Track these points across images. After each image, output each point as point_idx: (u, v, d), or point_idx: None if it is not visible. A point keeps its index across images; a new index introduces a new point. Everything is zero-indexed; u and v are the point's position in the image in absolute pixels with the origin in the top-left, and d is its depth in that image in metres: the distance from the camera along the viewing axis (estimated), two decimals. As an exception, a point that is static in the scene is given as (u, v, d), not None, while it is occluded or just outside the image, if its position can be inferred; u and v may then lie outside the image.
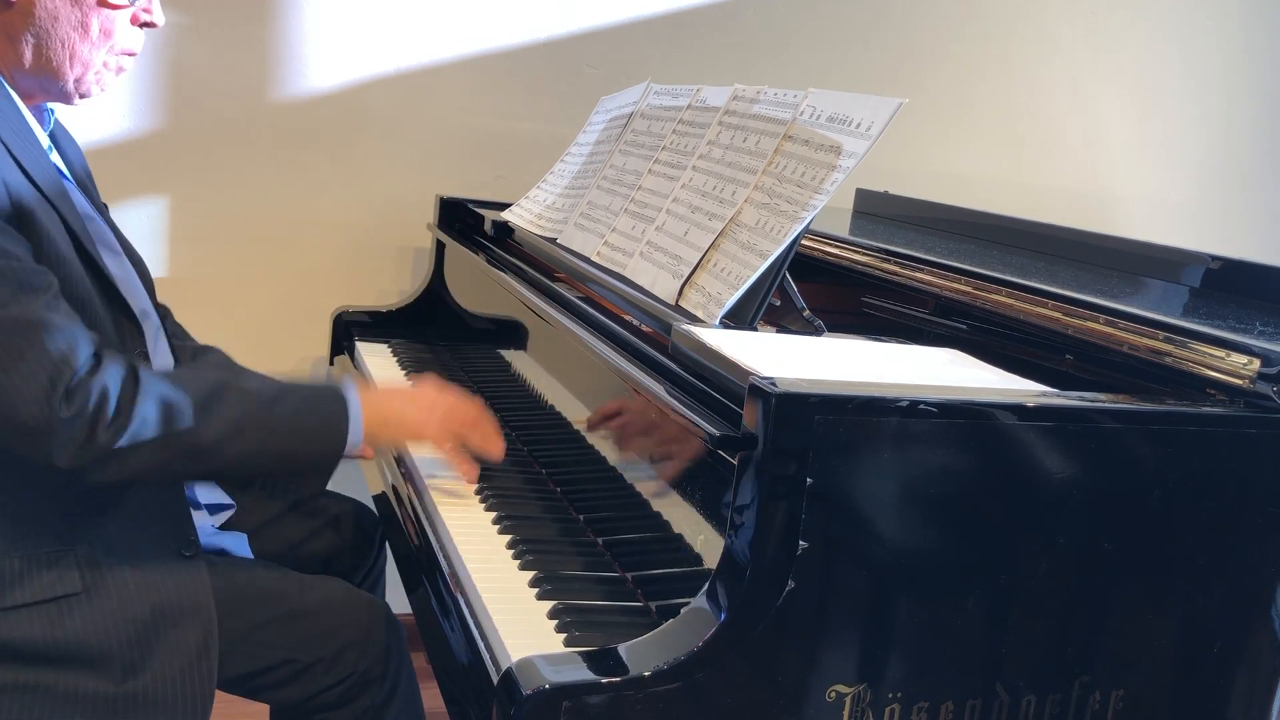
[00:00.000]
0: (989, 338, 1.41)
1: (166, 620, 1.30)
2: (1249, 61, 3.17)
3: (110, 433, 1.18)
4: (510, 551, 1.32)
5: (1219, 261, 1.72)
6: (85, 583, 1.28)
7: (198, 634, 1.31)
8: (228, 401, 1.26)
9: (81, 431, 1.17)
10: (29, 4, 1.30)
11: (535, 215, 1.96)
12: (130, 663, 1.28)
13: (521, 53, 2.51)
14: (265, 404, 1.29)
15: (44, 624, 1.26)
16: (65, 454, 1.17)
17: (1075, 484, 1.04)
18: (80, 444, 1.17)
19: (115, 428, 1.19)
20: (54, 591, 1.27)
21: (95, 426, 1.18)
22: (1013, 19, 2.90)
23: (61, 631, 1.26)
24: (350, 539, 1.75)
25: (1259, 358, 1.09)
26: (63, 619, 1.26)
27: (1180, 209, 3.17)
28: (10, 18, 1.31)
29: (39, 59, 1.33)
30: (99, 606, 1.28)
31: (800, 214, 1.28)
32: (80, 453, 1.18)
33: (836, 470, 0.96)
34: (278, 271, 2.45)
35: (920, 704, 1.02)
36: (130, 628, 1.28)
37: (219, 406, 1.25)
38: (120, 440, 1.19)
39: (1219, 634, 1.12)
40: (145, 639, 1.29)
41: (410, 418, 1.43)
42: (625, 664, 0.96)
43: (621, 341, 1.39)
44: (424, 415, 1.43)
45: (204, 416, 1.24)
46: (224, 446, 1.25)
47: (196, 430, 1.23)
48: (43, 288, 1.21)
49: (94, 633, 1.27)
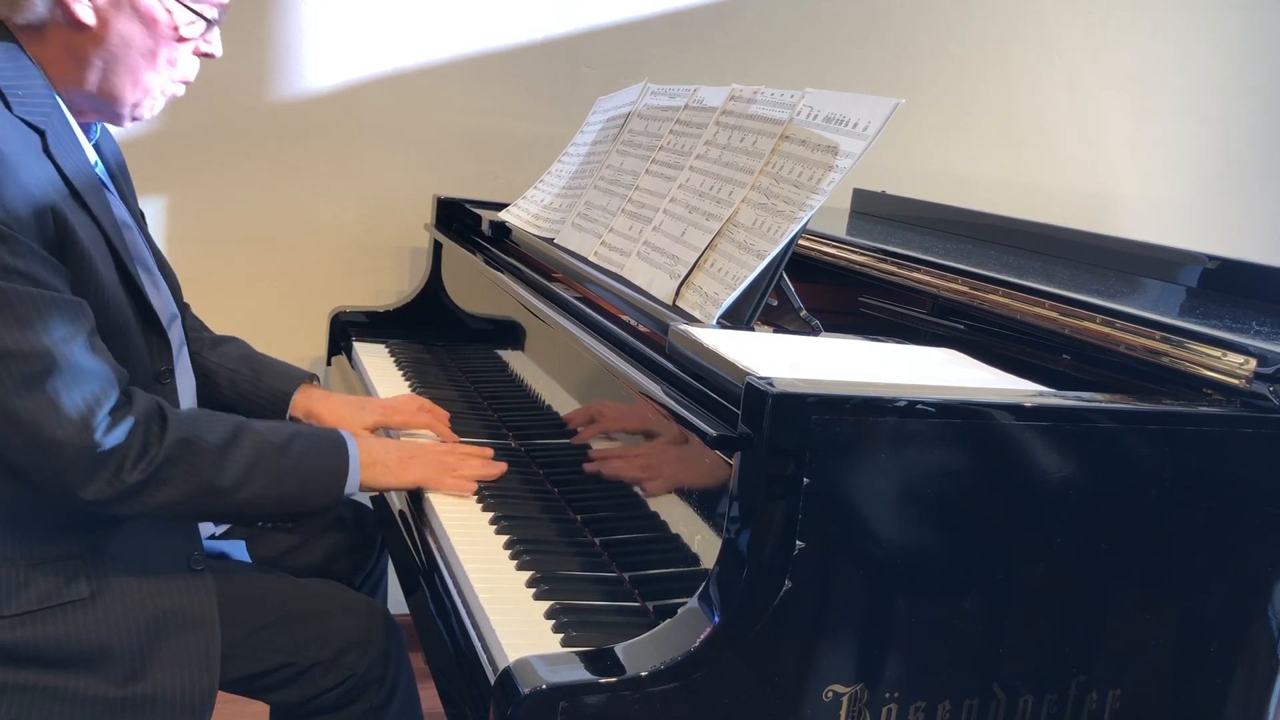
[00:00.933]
0: (986, 338, 1.41)
1: (171, 627, 1.31)
2: (1246, 63, 3.17)
3: (138, 471, 1.22)
4: (508, 552, 1.32)
5: (1216, 262, 1.72)
6: (93, 589, 1.29)
7: (201, 643, 1.32)
8: (244, 445, 1.30)
9: (111, 468, 1.20)
10: (104, 29, 1.31)
11: (533, 215, 1.96)
12: (133, 667, 1.28)
13: (519, 53, 2.51)
14: (277, 449, 1.32)
15: (50, 627, 1.26)
16: (93, 489, 1.20)
17: (1072, 484, 1.04)
18: (109, 480, 1.21)
19: (143, 466, 1.22)
20: (62, 598, 1.27)
21: (124, 464, 1.21)
22: (1011, 19, 2.90)
23: (66, 634, 1.26)
24: (350, 541, 1.75)
25: (1255, 357, 1.09)
26: (68, 622, 1.27)
27: (1177, 209, 3.18)
28: (82, 41, 1.31)
29: (103, 82, 1.34)
30: (105, 611, 1.29)
31: (797, 214, 1.28)
32: (107, 488, 1.21)
33: (833, 470, 0.96)
34: (275, 272, 2.45)
35: (917, 703, 1.02)
36: (135, 632, 1.29)
37: (237, 449, 1.29)
38: (146, 478, 1.22)
39: (1216, 633, 1.12)
40: (149, 644, 1.29)
41: (394, 461, 1.45)
42: (622, 664, 0.96)
43: (619, 342, 1.39)
44: (404, 463, 1.45)
45: (222, 460, 1.27)
46: (239, 489, 1.29)
47: (216, 472, 1.27)
48: (83, 319, 1.23)
49: (98, 635, 1.27)
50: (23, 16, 1.28)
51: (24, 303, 1.17)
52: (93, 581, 1.29)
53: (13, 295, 1.17)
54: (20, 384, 1.17)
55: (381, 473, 1.44)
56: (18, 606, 1.25)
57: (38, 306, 1.18)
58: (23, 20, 1.29)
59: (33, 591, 1.26)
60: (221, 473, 1.27)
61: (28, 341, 1.17)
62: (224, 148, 2.36)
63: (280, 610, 1.41)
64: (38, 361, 1.17)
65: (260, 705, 1.46)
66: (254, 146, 2.38)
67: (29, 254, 1.19)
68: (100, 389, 1.21)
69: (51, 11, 1.29)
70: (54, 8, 1.29)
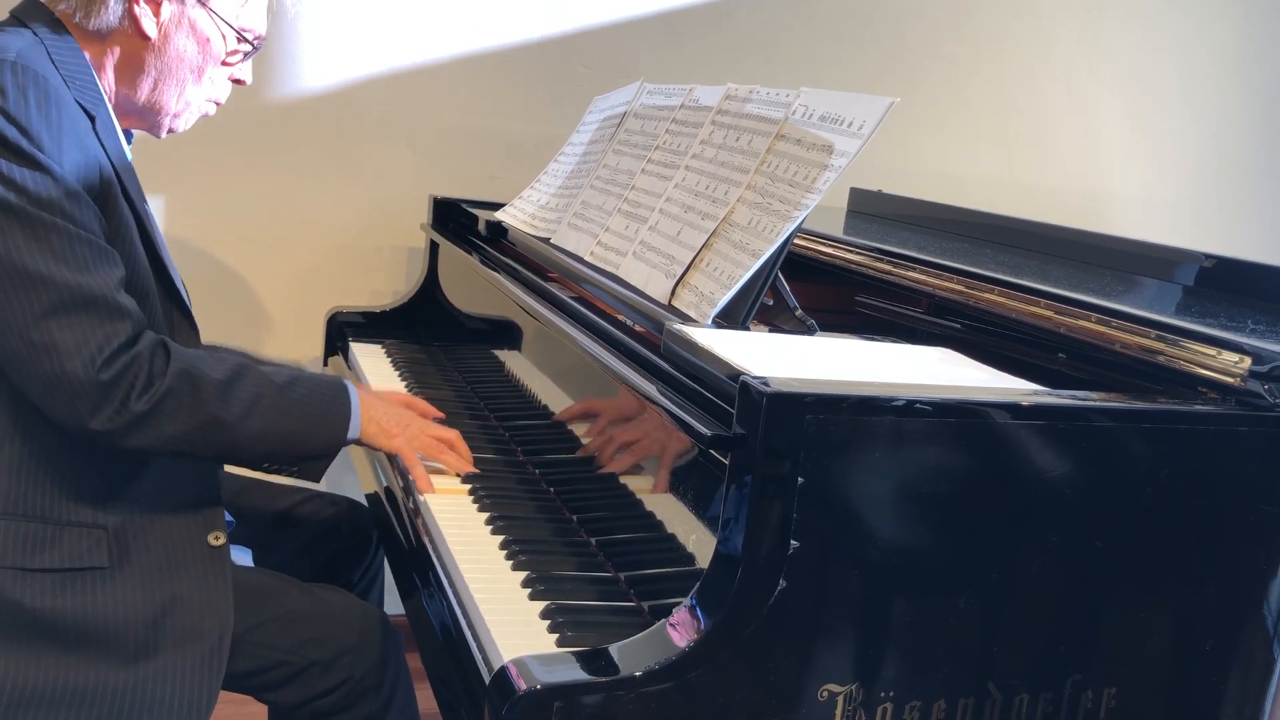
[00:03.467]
0: (982, 337, 1.41)
1: (184, 612, 1.33)
2: (1242, 61, 3.17)
3: (143, 402, 1.26)
4: (503, 552, 1.32)
5: (1212, 260, 1.72)
6: (112, 559, 1.32)
7: (211, 637, 1.33)
8: (247, 381, 1.34)
9: (117, 398, 1.24)
10: (164, 42, 1.41)
11: (529, 215, 1.96)
12: (142, 645, 1.30)
13: (515, 52, 2.51)
14: (281, 387, 1.37)
15: (67, 598, 1.29)
16: (100, 417, 1.24)
17: (1068, 482, 1.04)
18: (115, 409, 1.24)
19: (148, 397, 1.26)
20: (83, 563, 1.31)
21: (130, 395, 1.25)
22: (1007, 18, 2.91)
23: (82, 605, 1.29)
24: (347, 541, 1.76)
25: (1250, 356, 1.09)
26: (85, 592, 1.30)
27: (1173, 208, 3.18)
28: (142, 51, 1.40)
29: (153, 92, 1.43)
30: (122, 584, 1.31)
31: (792, 213, 1.28)
32: (115, 417, 1.25)
33: (828, 470, 0.96)
34: (271, 272, 2.45)
35: (912, 702, 1.02)
36: (149, 610, 1.31)
37: (240, 385, 1.33)
38: (150, 408, 1.26)
39: (1211, 632, 1.12)
40: (160, 624, 1.31)
41: (386, 425, 1.50)
42: (617, 664, 0.96)
43: (614, 341, 1.39)
44: (396, 428, 1.50)
45: (226, 393, 1.32)
46: (243, 423, 1.33)
47: (220, 405, 1.31)
48: (114, 265, 1.29)
49: (113, 608, 1.30)
50: (94, 23, 1.37)
51: (63, 237, 1.23)
52: (113, 553, 1.33)
53: (54, 228, 1.23)
54: (45, 312, 1.22)
55: (375, 431, 1.48)
56: (42, 562, 1.29)
57: (75, 243, 1.24)
58: (93, 26, 1.37)
59: (57, 551, 1.30)
60: (226, 407, 1.31)
61: (60, 273, 1.22)
62: (220, 148, 2.35)
63: (280, 609, 1.42)
64: (66, 293, 1.23)
65: (260, 706, 1.46)
66: (250, 147, 2.38)
67: (75, 197, 1.26)
68: (115, 326, 1.25)
69: (121, 20, 1.38)
70: (124, 17, 1.38)
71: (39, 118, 1.25)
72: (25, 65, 1.26)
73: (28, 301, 1.22)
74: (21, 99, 1.24)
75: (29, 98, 1.25)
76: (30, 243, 1.22)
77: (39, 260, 1.22)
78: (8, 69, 1.24)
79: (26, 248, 1.22)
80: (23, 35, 1.33)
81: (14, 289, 1.22)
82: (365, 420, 1.46)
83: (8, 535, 1.28)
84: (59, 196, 1.24)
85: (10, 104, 1.23)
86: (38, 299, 1.22)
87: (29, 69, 1.26)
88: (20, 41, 1.31)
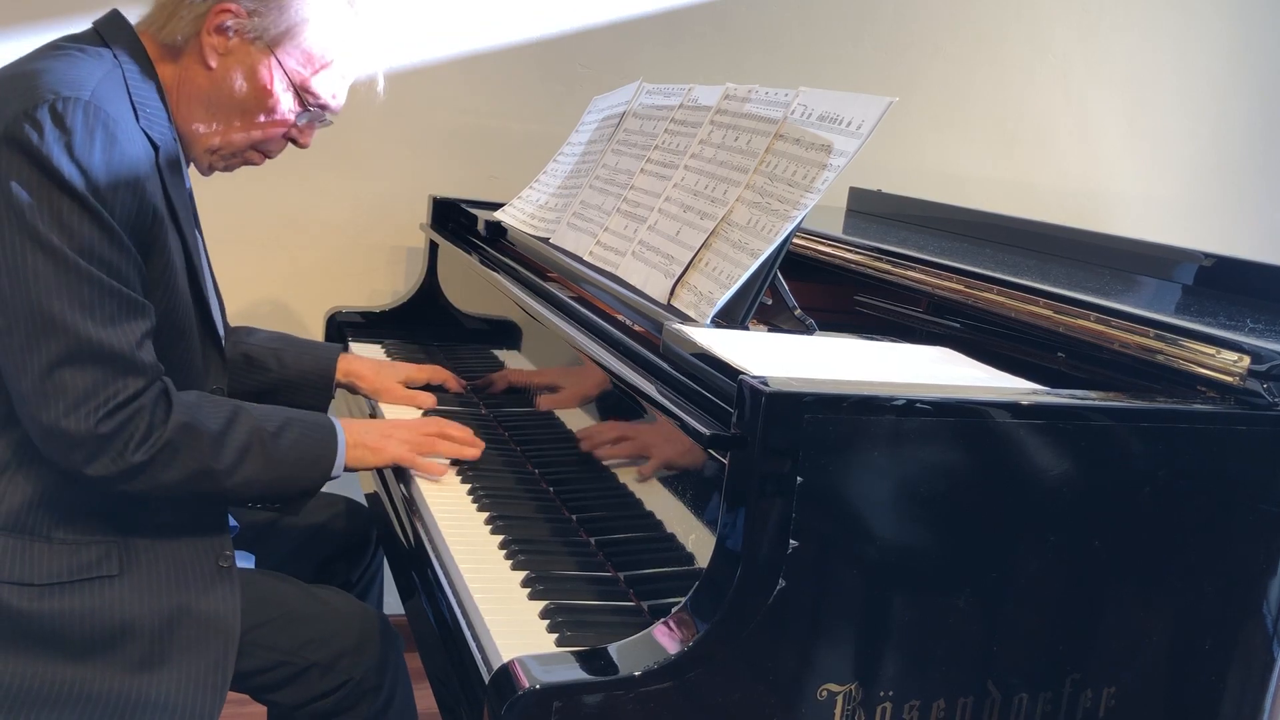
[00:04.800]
0: (981, 336, 1.41)
1: (191, 623, 1.33)
2: (1240, 60, 3.17)
3: (141, 453, 1.27)
4: (502, 551, 1.32)
5: (1211, 259, 1.72)
6: (122, 566, 1.33)
7: (218, 647, 1.34)
8: (240, 430, 1.35)
9: (115, 450, 1.25)
10: (222, 75, 1.41)
11: (528, 215, 1.96)
12: (149, 653, 1.31)
13: (514, 52, 2.51)
14: (271, 435, 1.37)
15: (76, 600, 1.29)
16: (96, 465, 1.25)
17: (1067, 482, 1.04)
18: (113, 459, 1.25)
19: (146, 448, 1.27)
20: (91, 573, 1.31)
21: (128, 446, 1.26)
22: (1005, 17, 2.91)
23: (91, 607, 1.30)
24: (346, 540, 1.76)
25: (1249, 355, 1.09)
26: (95, 595, 1.31)
27: (1172, 207, 3.18)
28: (202, 79, 1.41)
29: (197, 123, 1.43)
30: (131, 588, 1.32)
31: (791, 213, 1.28)
32: (111, 466, 1.26)
33: (828, 469, 0.96)
34: (271, 272, 2.45)
35: (912, 702, 1.02)
36: (157, 614, 1.32)
37: (233, 435, 1.34)
38: (149, 459, 1.27)
39: (1210, 631, 1.12)
40: (167, 634, 1.32)
41: (372, 441, 1.51)
42: (616, 664, 0.96)
43: (614, 341, 1.39)
44: (381, 440, 1.51)
45: (220, 444, 1.33)
46: (232, 473, 1.34)
47: (213, 456, 1.32)
48: (142, 319, 1.29)
49: (122, 611, 1.31)
50: (168, 36, 1.39)
51: (95, 287, 1.24)
52: (124, 561, 1.33)
53: (88, 278, 1.24)
54: (60, 359, 1.22)
55: (363, 454, 1.49)
56: (47, 577, 1.29)
57: (106, 296, 1.25)
58: (167, 40, 1.40)
59: (64, 564, 1.31)
60: (219, 457, 1.32)
61: (84, 326, 1.23)
62: (219, 148, 2.35)
63: (280, 609, 1.42)
64: (85, 345, 1.23)
65: (260, 706, 1.46)
66: (249, 147, 2.38)
67: (119, 246, 1.26)
68: (125, 381, 1.25)
69: (189, 42, 1.40)
70: (191, 39, 1.40)
71: (101, 162, 1.24)
72: (98, 106, 1.25)
73: (46, 346, 1.22)
74: (88, 141, 1.24)
75: (95, 140, 1.24)
76: (63, 289, 1.22)
77: (66, 308, 1.22)
78: (80, 109, 1.24)
79: (58, 293, 1.22)
80: (103, 60, 1.34)
81: (38, 331, 1.22)
82: (350, 448, 1.46)
83: (18, 553, 1.29)
84: (103, 245, 1.24)
85: (77, 146, 1.23)
86: (56, 345, 1.22)
87: (101, 110, 1.25)
88: (100, 70, 1.31)
